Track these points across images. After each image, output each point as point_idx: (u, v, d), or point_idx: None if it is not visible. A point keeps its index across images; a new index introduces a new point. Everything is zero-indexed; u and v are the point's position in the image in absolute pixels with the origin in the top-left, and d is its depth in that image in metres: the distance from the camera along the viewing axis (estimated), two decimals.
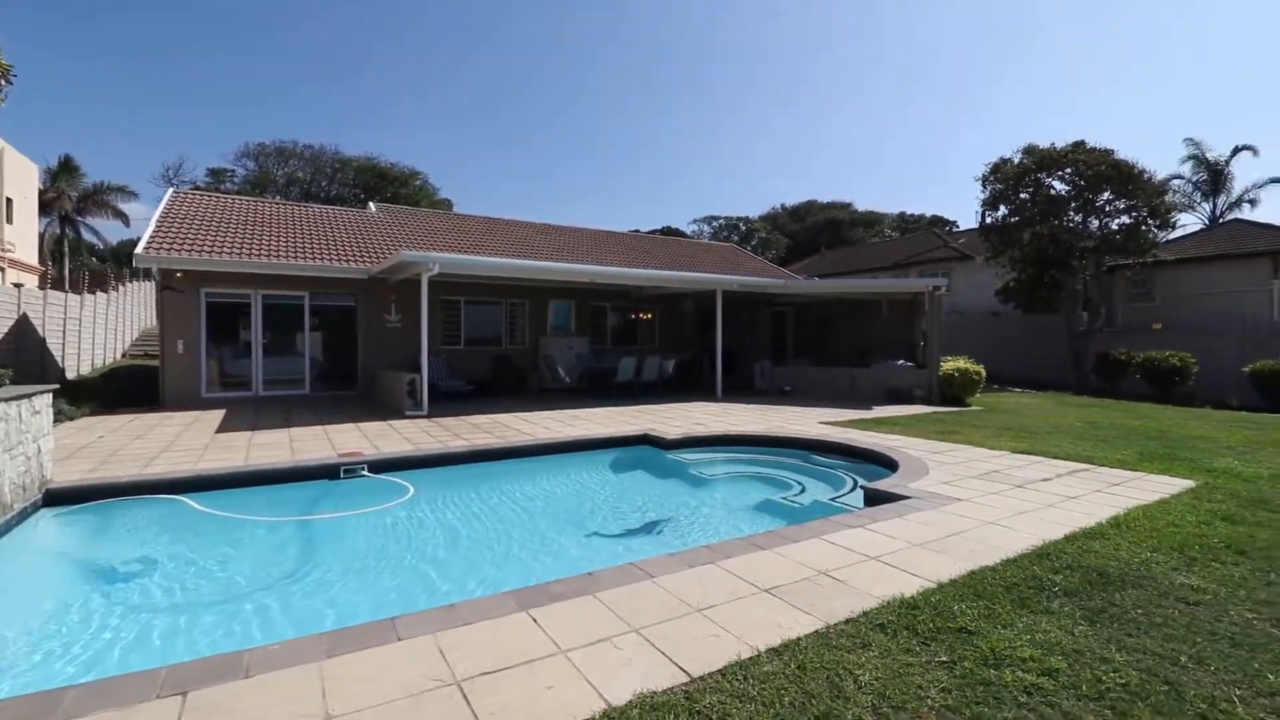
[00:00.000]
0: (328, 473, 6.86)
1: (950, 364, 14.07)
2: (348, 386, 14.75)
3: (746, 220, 55.43)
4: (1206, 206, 29.36)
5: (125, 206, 37.03)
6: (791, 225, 57.66)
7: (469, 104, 79.71)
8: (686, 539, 5.51)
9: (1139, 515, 4.98)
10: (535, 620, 3.13)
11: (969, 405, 13.47)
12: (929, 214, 56.08)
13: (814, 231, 54.39)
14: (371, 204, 19.89)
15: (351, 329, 14.90)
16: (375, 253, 15.10)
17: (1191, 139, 30.71)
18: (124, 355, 21.70)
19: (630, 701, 2.44)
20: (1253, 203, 28.04)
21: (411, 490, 6.55)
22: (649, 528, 5.90)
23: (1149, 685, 2.60)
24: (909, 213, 58.22)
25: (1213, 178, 28.96)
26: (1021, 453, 7.73)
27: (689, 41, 76.82)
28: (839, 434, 9.15)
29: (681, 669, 2.69)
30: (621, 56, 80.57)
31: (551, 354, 15.98)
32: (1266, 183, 27.81)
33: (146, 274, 22.90)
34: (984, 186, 22.01)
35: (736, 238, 51.19)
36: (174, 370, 12.80)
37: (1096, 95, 67.17)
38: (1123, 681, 2.62)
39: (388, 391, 12.73)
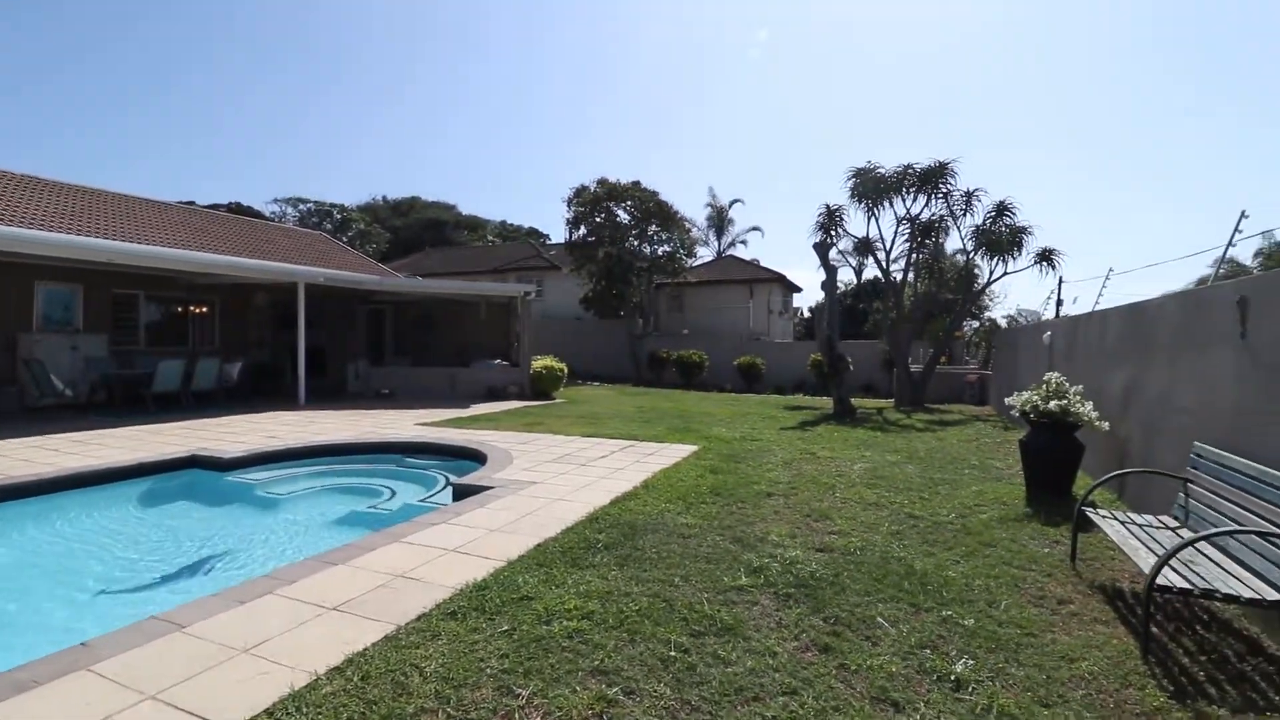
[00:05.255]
0: None
1: (540, 362, 15.59)
2: None
3: (342, 208, 50.60)
4: (716, 243, 39.66)
5: None
6: (394, 220, 55.18)
7: None
8: (247, 571, 4.70)
9: (661, 477, 6.42)
10: None
11: (555, 398, 15.18)
12: (527, 225, 61.04)
13: (418, 229, 53.21)
14: None
15: None
16: None
17: (711, 188, 41.24)
18: None
19: None
20: (745, 243, 39.26)
21: None
22: (194, 569, 4.83)
23: (654, 605, 3.36)
24: (510, 222, 62.25)
25: (719, 221, 39.34)
26: (589, 436, 9.10)
27: None
28: (434, 434, 9.17)
29: None
30: None
31: (40, 358, 11.59)
32: (750, 229, 39.24)
33: None
34: (569, 207, 25.18)
35: (330, 226, 46.21)
36: None
37: (659, 144, 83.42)
38: (637, 607, 3.32)
39: None
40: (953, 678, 2.71)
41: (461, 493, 5.89)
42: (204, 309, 15.53)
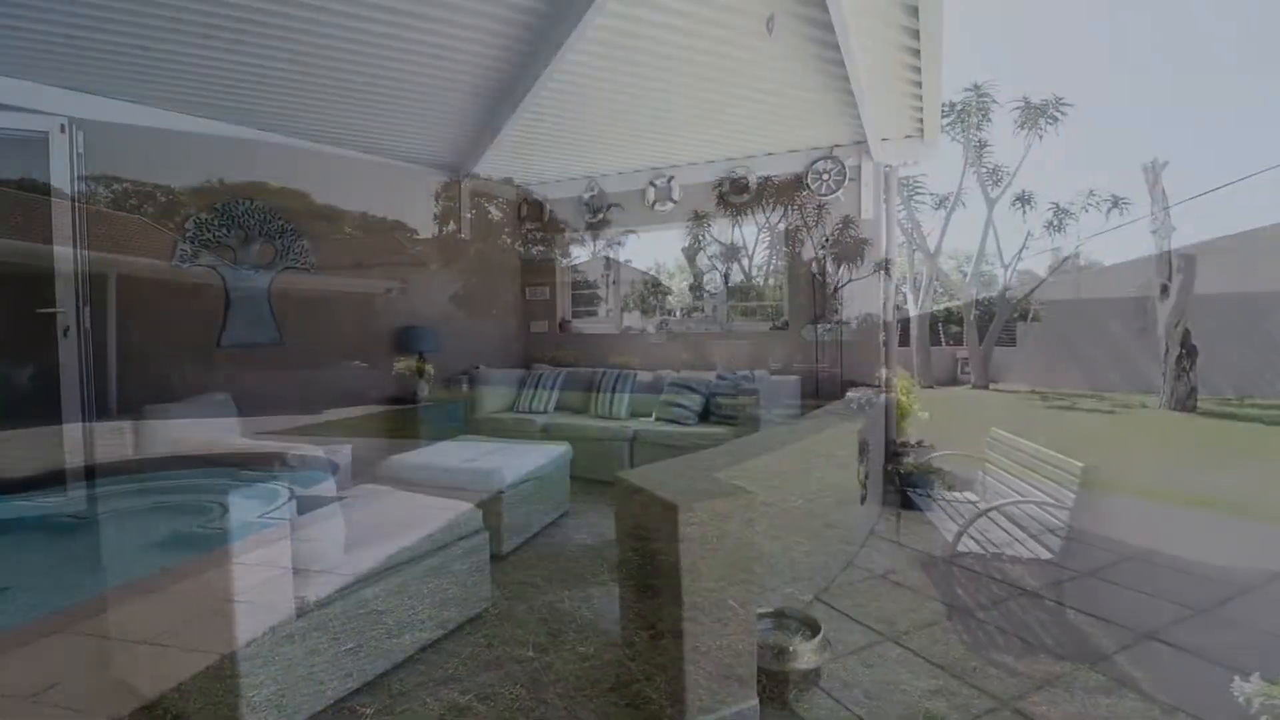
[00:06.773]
0: None
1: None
2: None
3: (169, 190, 44.48)
4: (592, 245, 40.12)
5: None
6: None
7: None
8: None
9: None
10: None
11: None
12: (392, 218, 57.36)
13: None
14: None
15: None
16: None
17: (592, 180, 41.36)
18: None
19: None
20: (621, 244, 40.17)
21: None
22: None
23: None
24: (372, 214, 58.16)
25: (596, 222, 39.92)
26: None
27: None
28: (277, 443, 8.35)
29: None
30: None
31: None
32: (626, 232, 40.11)
33: None
34: (436, 202, 24.12)
35: (151, 209, 40.45)
36: None
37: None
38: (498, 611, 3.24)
39: None
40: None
41: (308, 505, 5.42)
42: None
